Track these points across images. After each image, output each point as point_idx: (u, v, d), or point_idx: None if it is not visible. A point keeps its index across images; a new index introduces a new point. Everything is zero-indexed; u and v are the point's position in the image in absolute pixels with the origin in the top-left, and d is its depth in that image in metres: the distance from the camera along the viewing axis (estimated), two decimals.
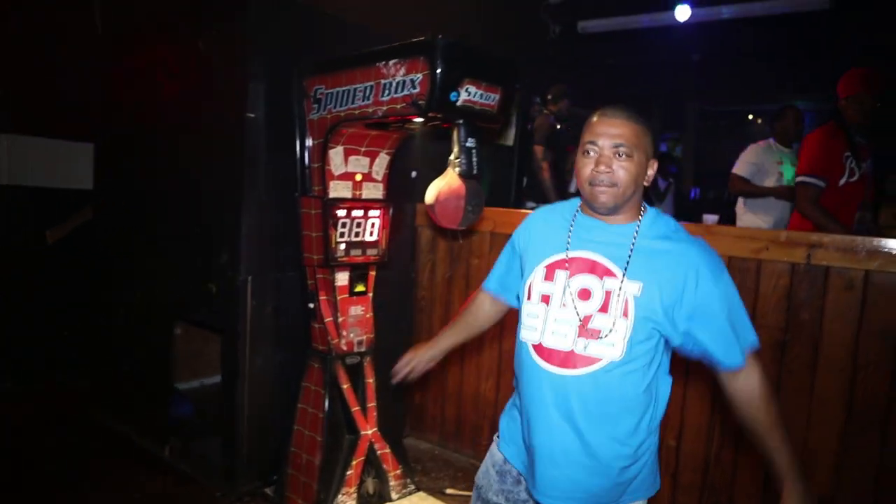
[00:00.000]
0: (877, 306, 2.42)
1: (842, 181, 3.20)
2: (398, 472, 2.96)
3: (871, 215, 3.40)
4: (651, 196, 5.54)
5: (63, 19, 4.09)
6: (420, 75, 2.19)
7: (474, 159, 2.29)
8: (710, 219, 3.05)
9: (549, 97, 5.04)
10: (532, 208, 4.90)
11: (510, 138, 4.15)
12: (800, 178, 3.27)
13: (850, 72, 3.36)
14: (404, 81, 2.24)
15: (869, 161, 3.34)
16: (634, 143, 1.49)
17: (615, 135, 1.49)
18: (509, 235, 1.85)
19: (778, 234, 2.64)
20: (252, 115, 2.78)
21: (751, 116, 11.48)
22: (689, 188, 9.91)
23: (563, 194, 5.02)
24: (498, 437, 1.82)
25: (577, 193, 1.64)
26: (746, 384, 1.53)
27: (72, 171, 4.14)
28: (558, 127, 4.97)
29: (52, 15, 4.11)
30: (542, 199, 4.93)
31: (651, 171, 1.57)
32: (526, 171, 4.69)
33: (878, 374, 2.42)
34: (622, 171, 1.49)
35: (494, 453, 1.80)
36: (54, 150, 4.15)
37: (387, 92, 2.31)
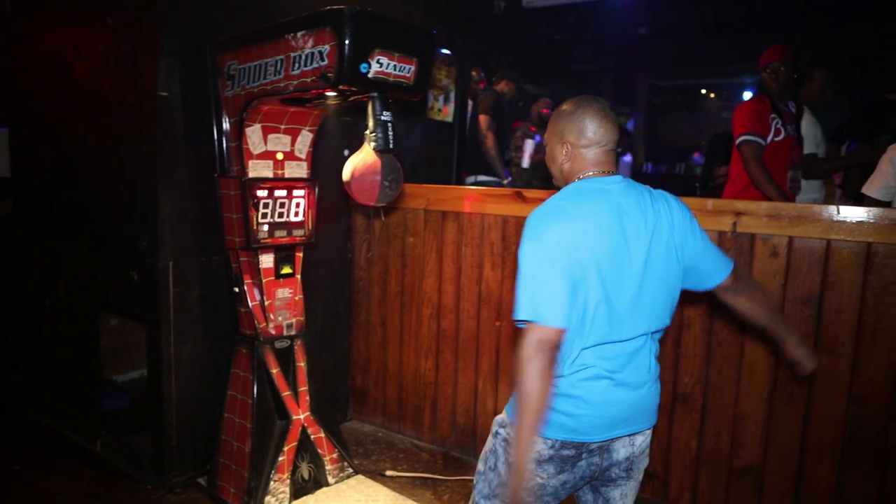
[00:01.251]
0: (800, 273, 2.43)
1: (768, 139, 3.33)
2: (334, 455, 2.91)
3: (800, 175, 3.49)
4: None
5: None
6: (328, 47, 2.10)
7: (390, 133, 2.22)
8: None
9: (495, 78, 5.02)
10: (473, 184, 4.87)
11: (450, 114, 4.07)
12: (742, 138, 3.35)
13: (771, 47, 3.52)
14: (313, 54, 2.15)
15: (793, 125, 3.47)
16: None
17: None
18: (442, 212, 1.78)
19: (705, 202, 2.63)
20: (165, 94, 2.66)
21: (703, 91, 11.60)
22: (642, 163, 9.98)
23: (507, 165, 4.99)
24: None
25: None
26: None
27: None
28: (502, 102, 4.93)
29: None
30: (485, 171, 4.88)
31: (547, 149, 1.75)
32: (468, 144, 4.65)
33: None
34: None
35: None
36: None
37: (297, 65, 2.22)
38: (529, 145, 5.25)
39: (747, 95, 10.20)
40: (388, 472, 3.09)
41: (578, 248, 1.50)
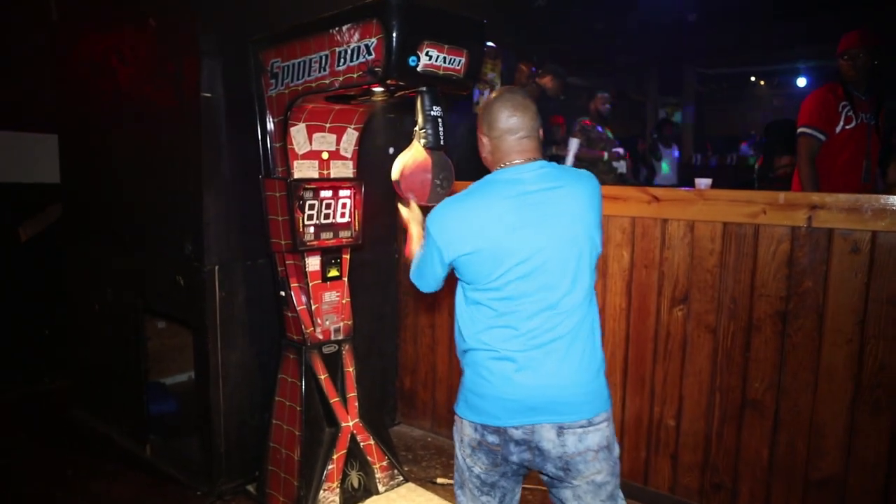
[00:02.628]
0: (886, 270, 2.24)
1: (838, 129, 3.21)
2: (384, 463, 2.83)
3: (875, 167, 3.31)
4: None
5: (17, 8, 3.90)
6: (375, 40, 2.00)
7: (441, 129, 2.11)
8: (703, 183, 2.86)
9: (540, 71, 4.84)
10: None
11: None
12: (800, 129, 3.27)
13: (850, 32, 3.34)
14: (359, 48, 2.05)
15: (870, 114, 3.29)
16: None
17: None
18: None
19: (776, 195, 2.45)
20: (208, 95, 2.61)
21: (753, 78, 11.18)
22: (690, 155, 9.65)
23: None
24: None
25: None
26: None
27: (37, 164, 3.98)
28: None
29: (6, 3, 3.92)
30: None
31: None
32: None
33: (889, 345, 2.24)
34: None
35: None
36: (17, 143, 3.98)
37: (342, 60, 2.13)
38: (573, 144, 5.08)
39: (801, 82, 9.79)
40: (440, 480, 2.99)
41: (466, 237, 1.61)
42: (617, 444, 1.72)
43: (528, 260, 1.59)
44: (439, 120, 2.11)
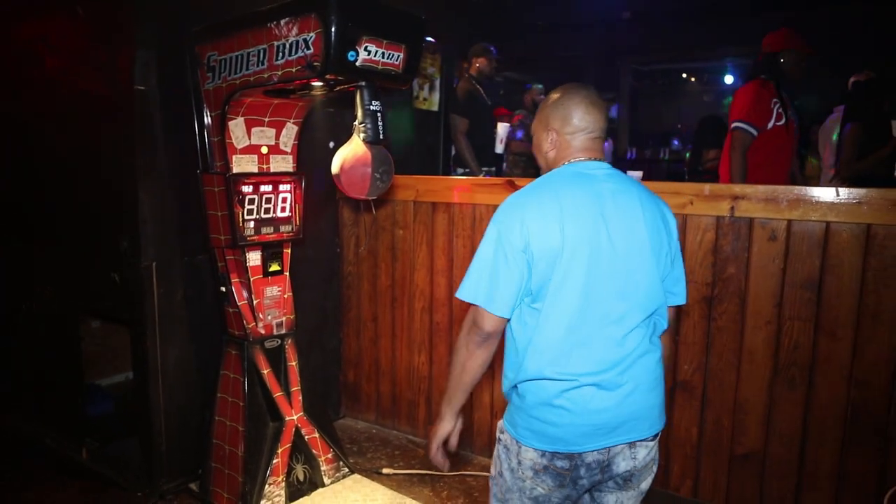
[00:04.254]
0: (799, 256, 2.40)
1: (770, 124, 3.32)
2: (329, 455, 2.85)
3: (798, 164, 3.51)
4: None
5: None
6: (313, 34, 2.01)
7: (380, 123, 2.15)
8: (634, 175, 2.98)
9: (466, 60, 4.84)
10: (461, 175, 4.78)
11: (434, 103, 3.99)
12: (735, 124, 3.36)
13: (782, 29, 3.49)
14: (298, 42, 2.06)
15: (792, 111, 3.46)
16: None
17: None
18: (432, 204, 1.75)
19: (702, 187, 2.58)
20: (142, 88, 2.55)
21: (684, 75, 11.59)
22: (626, 149, 9.95)
23: (483, 161, 4.80)
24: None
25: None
26: None
27: None
28: (480, 90, 4.78)
29: None
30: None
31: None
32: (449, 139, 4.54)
33: (802, 325, 2.41)
34: None
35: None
36: None
37: (281, 55, 2.13)
38: (502, 129, 5.07)
39: (729, 79, 10.22)
40: (385, 470, 3.03)
41: (540, 238, 1.47)
42: None
43: (601, 264, 1.48)
44: (378, 114, 2.15)
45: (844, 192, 2.31)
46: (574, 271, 1.46)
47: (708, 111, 7.76)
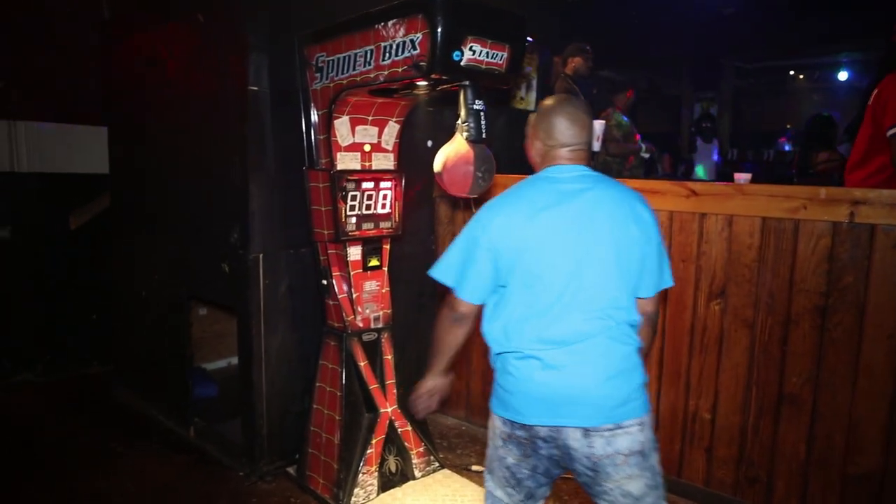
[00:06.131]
0: None
1: None
2: (421, 449, 2.89)
3: None
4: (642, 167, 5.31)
5: (70, 6, 4.04)
6: (420, 35, 2.05)
7: (483, 122, 2.16)
8: (743, 178, 2.85)
9: (561, 60, 4.78)
10: None
11: (531, 102, 3.97)
12: (893, 130, 2.93)
13: None
14: (404, 42, 2.11)
15: None
16: None
17: None
18: None
19: (817, 191, 2.44)
20: (255, 88, 2.69)
21: (791, 72, 10.97)
22: (727, 150, 9.52)
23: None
24: None
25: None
26: None
27: (88, 155, 4.12)
28: (576, 89, 4.72)
29: (60, 3, 4.06)
30: None
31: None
32: None
33: None
34: None
35: None
36: (69, 135, 4.13)
37: (387, 55, 2.18)
38: (598, 126, 4.96)
39: (843, 76, 9.58)
40: (475, 467, 3.05)
41: (504, 235, 1.63)
42: (656, 454, 1.67)
43: (555, 254, 1.60)
44: (481, 113, 2.16)
45: None
46: (530, 263, 1.61)
47: (817, 110, 7.31)
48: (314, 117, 2.61)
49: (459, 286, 1.70)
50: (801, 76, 10.83)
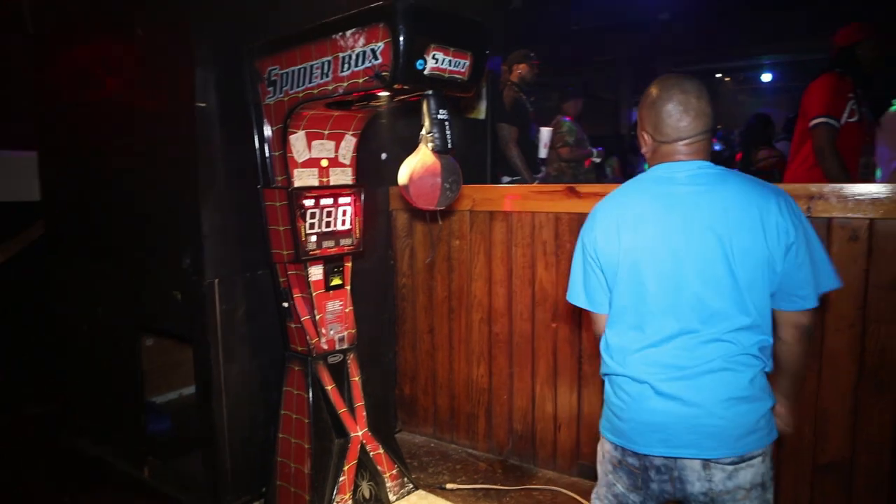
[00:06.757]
0: (884, 256, 2.30)
1: (843, 119, 3.18)
2: (394, 471, 2.80)
3: (872, 161, 3.35)
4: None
5: None
6: (381, 44, 1.98)
7: (448, 132, 2.11)
8: None
9: (507, 67, 4.81)
10: (508, 182, 4.73)
11: (482, 111, 3.95)
12: (818, 120, 3.18)
13: (853, 24, 3.35)
14: (364, 52, 2.03)
15: (865, 108, 3.33)
16: None
17: None
18: (489, 213, 1.76)
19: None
20: (203, 105, 2.55)
21: (718, 75, 11.41)
22: None
23: (535, 168, 4.82)
24: None
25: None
26: None
27: (15, 183, 3.86)
28: (523, 97, 4.75)
29: None
30: (516, 173, 4.74)
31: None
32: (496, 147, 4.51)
33: (890, 328, 2.30)
34: None
35: None
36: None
37: (346, 66, 2.11)
38: (544, 134, 5.02)
39: (766, 77, 10.02)
40: (449, 486, 2.97)
41: (601, 250, 1.55)
42: (772, 484, 1.56)
43: (657, 272, 1.45)
44: (446, 123, 2.11)
45: None
46: (632, 279, 1.50)
47: (744, 111, 7.61)
48: (268, 133, 2.50)
49: (592, 303, 1.62)
50: (728, 78, 11.28)
